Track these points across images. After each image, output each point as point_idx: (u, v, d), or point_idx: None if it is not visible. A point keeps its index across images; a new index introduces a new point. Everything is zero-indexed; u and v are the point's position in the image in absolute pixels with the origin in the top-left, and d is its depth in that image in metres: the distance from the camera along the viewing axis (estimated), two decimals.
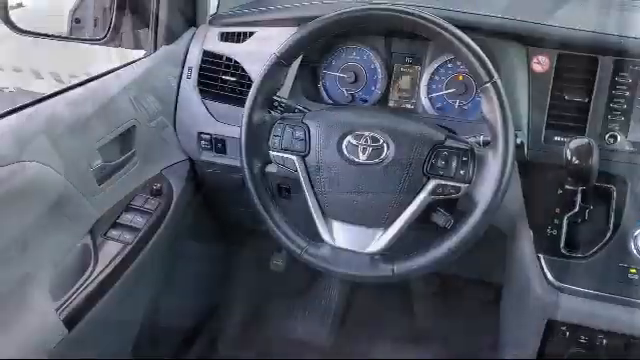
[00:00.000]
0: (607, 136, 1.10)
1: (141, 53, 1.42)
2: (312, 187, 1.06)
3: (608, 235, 1.07)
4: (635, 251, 1.04)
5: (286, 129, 1.08)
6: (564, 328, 1.13)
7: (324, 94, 1.36)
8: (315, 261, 1.06)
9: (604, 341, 1.11)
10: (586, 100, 1.11)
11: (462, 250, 0.98)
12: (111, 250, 1.21)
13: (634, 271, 1.04)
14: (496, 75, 0.97)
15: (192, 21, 1.45)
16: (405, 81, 1.30)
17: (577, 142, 0.98)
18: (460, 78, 1.25)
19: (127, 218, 1.28)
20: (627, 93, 1.09)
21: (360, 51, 1.32)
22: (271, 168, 1.13)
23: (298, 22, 1.25)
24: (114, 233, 1.25)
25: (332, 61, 1.34)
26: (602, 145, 1.09)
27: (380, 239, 1.02)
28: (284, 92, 1.22)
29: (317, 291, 2.06)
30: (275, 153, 1.09)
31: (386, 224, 1.02)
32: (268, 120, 1.11)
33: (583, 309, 1.09)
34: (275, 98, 1.15)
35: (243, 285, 2.00)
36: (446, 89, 1.26)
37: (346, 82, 1.33)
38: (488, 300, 1.95)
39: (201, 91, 1.38)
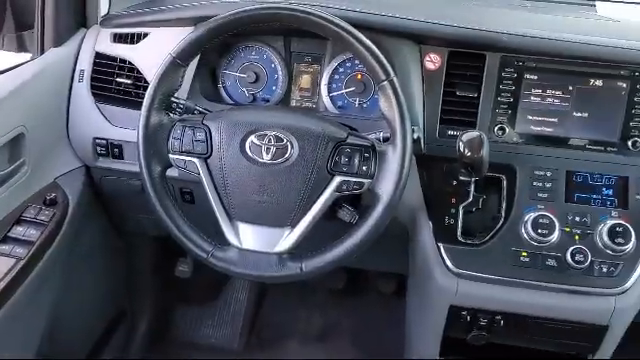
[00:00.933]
0: (496, 128, 1.17)
1: (27, 56, 1.33)
2: (216, 189, 1.05)
3: (501, 222, 1.14)
4: (525, 235, 1.11)
5: (186, 131, 1.06)
6: (465, 312, 1.19)
7: (224, 94, 1.34)
8: (222, 264, 1.05)
9: (502, 322, 1.18)
10: (476, 95, 1.17)
11: (367, 244, 1.00)
12: (1, 267, 1.13)
13: (525, 254, 1.11)
14: (392, 73, 1.00)
15: (82, 22, 1.38)
16: (306, 80, 1.31)
17: (469, 135, 1.03)
18: (359, 77, 1.28)
19: (18, 231, 1.20)
20: (513, 87, 1.16)
21: (259, 50, 1.32)
22: (172, 172, 1.10)
23: (194, 22, 1.22)
24: (4, 248, 1.16)
25: (231, 61, 1.33)
26: (492, 137, 1.16)
27: (287, 238, 1.03)
28: (182, 93, 1.19)
29: (226, 295, 2.04)
30: (175, 156, 1.06)
31: (293, 223, 1.02)
32: (166, 122, 1.08)
33: (481, 293, 1.15)
34: (173, 99, 1.12)
35: (149, 293, 1.94)
36: (346, 88, 1.28)
37: (246, 82, 1.32)
38: (395, 291, 2.02)
39: (94, 95, 1.32)
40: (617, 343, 1.21)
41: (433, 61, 1.18)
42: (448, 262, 1.14)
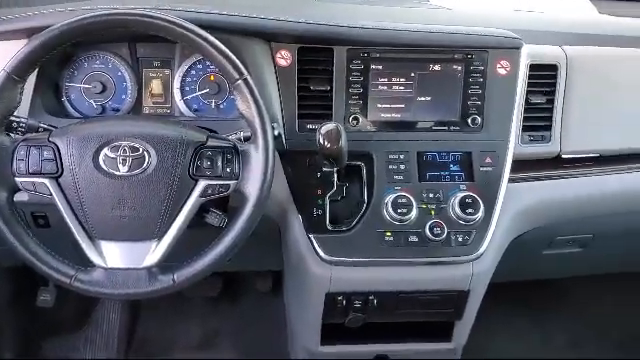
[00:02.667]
0: (351, 118, 1.22)
1: None
2: (72, 210, 0.98)
3: (364, 207, 1.19)
4: (387, 216, 1.17)
5: (31, 150, 0.98)
6: (340, 298, 1.24)
7: (70, 108, 1.26)
8: (88, 287, 0.98)
9: (375, 301, 1.24)
10: (329, 88, 1.21)
11: (239, 245, 1.00)
12: None
13: (389, 234, 1.17)
14: (245, 72, 1.00)
15: None
16: (157, 86, 1.27)
17: (326, 127, 1.06)
18: (212, 78, 1.26)
19: None
20: (361, 78, 1.21)
21: (104, 59, 1.26)
22: (21, 196, 1.02)
23: (28, 33, 1.13)
24: None
25: (74, 72, 1.25)
26: (348, 127, 1.20)
27: (155, 251, 0.99)
28: (23, 111, 1.10)
29: (97, 317, 1.93)
30: (22, 179, 0.98)
31: (159, 234, 0.99)
32: (8, 144, 0.99)
33: (354, 277, 1.20)
34: (13, 118, 1.03)
35: (12, 328, 1.78)
36: (200, 90, 1.26)
37: (93, 93, 1.25)
38: (272, 289, 2.03)
39: None
40: (478, 305, 1.32)
41: (284, 57, 1.20)
42: (320, 252, 1.17)
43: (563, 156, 1.31)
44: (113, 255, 0.99)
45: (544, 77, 1.29)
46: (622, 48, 1.41)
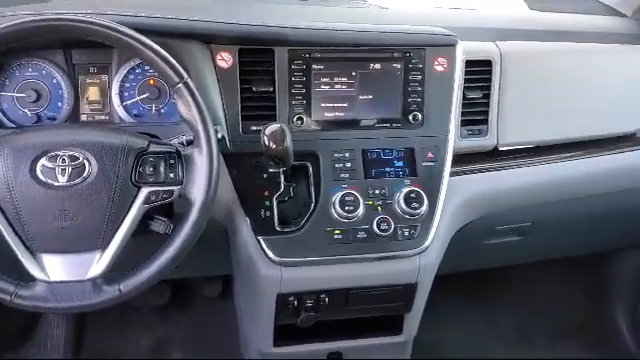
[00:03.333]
0: (295, 119, 1.22)
1: None
2: (9, 224, 0.94)
3: (312, 206, 1.19)
4: (335, 215, 1.18)
5: None
6: (292, 298, 1.24)
7: (3, 118, 1.21)
8: (30, 303, 0.95)
9: (327, 299, 1.25)
10: (272, 89, 1.21)
11: (186, 252, 0.98)
12: None
13: (338, 232, 1.19)
14: (186, 75, 0.99)
15: None
16: (94, 92, 1.24)
17: (271, 128, 1.06)
18: (151, 82, 1.24)
19: None
20: (304, 78, 1.22)
21: (37, 66, 1.21)
22: None
23: None
24: None
25: (5, 81, 1.20)
26: (292, 128, 1.21)
27: (100, 261, 0.96)
28: None
29: (40, 334, 1.86)
30: None
31: (103, 245, 0.96)
32: None
33: (304, 276, 1.21)
34: None
35: None
36: (139, 95, 1.23)
37: (27, 102, 1.20)
38: (222, 293, 2.01)
39: None
40: (426, 297, 1.35)
41: (225, 60, 1.19)
42: (270, 253, 1.17)
43: (500, 148, 1.36)
44: (55, 268, 0.96)
45: (480, 73, 1.33)
46: (552, 42, 1.47)
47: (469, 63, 1.32)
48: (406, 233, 1.21)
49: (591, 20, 1.72)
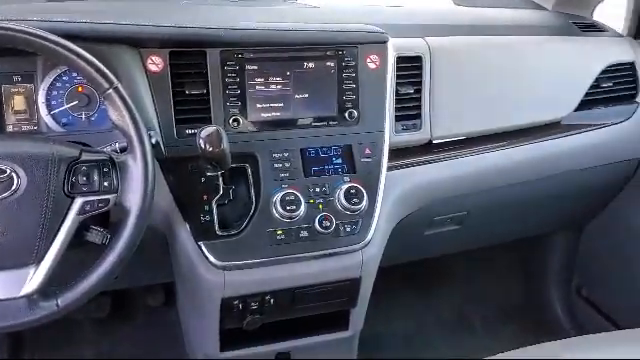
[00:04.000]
0: (231, 120, 1.21)
1: None
2: None
3: (252, 208, 1.19)
4: (277, 215, 1.18)
5: None
6: (236, 302, 1.23)
7: None
8: None
9: (272, 301, 1.25)
10: (205, 91, 1.19)
11: (125, 261, 0.96)
12: None
13: (280, 232, 1.19)
14: (116, 80, 0.96)
15: None
16: (19, 102, 1.18)
17: (207, 131, 1.05)
18: (80, 89, 1.19)
19: None
20: (238, 79, 1.21)
21: None
22: None
23: None
24: None
25: None
26: (229, 129, 1.19)
27: (34, 277, 0.92)
28: None
29: None
30: None
31: (37, 259, 0.93)
32: None
33: (248, 279, 1.20)
34: None
35: None
36: (68, 103, 1.19)
37: None
38: (165, 302, 1.98)
39: None
40: (370, 290, 1.37)
41: (155, 63, 1.16)
42: (211, 258, 1.16)
43: (434, 141, 1.40)
44: None
45: (411, 68, 1.37)
46: (478, 36, 1.53)
47: (400, 59, 1.35)
48: (348, 229, 1.22)
49: (514, 14, 1.80)
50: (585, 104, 1.58)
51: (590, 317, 1.98)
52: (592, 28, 1.75)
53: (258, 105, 1.23)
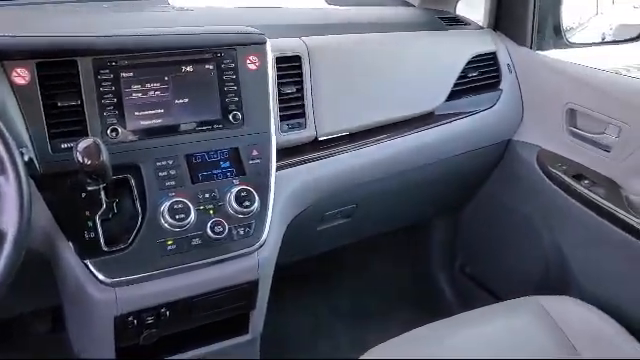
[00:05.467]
0: (109, 131, 1.16)
1: None
2: None
3: (140, 219, 1.15)
4: (166, 225, 1.15)
5: None
6: (131, 318, 1.18)
7: None
8: None
9: (168, 313, 1.22)
10: (79, 102, 1.13)
11: (4, 289, 0.89)
12: None
13: (171, 242, 1.15)
14: None
15: None
16: None
17: (84, 144, 1.00)
18: None
19: None
20: (113, 88, 1.16)
21: None
22: None
23: None
24: None
25: None
26: (107, 140, 1.14)
27: None
28: None
29: None
30: None
31: None
32: None
33: (141, 294, 1.16)
34: None
35: None
36: None
37: None
38: (52, 328, 1.85)
39: None
40: (268, 291, 1.37)
41: (21, 75, 1.09)
42: (100, 276, 1.10)
43: (320, 139, 1.43)
44: None
45: (291, 68, 1.39)
46: (352, 34, 1.58)
47: (279, 59, 1.36)
48: (241, 232, 1.21)
49: (384, 11, 1.88)
50: (455, 94, 1.68)
51: (475, 293, 2.11)
52: (456, 22, 1.87)
53: (137, 113, 1.19)
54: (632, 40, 1.79)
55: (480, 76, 1.75)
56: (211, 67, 1.25)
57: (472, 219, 2.10)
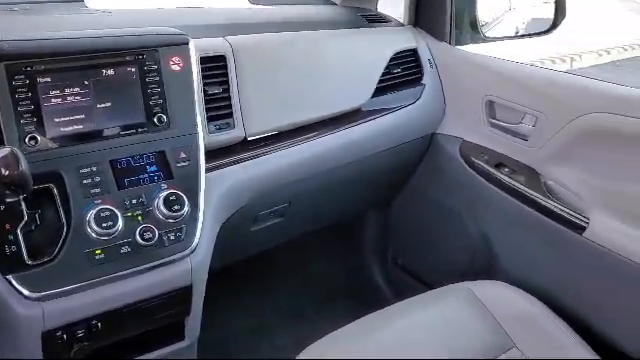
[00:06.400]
0: (27, 139, 1.10)
1: None
2: None
3: (65, 230, 1.10)
4: (93, 234, 1.11)
5: None
6: (60, 333, 1.13)
7: None
8: None
9: (99, 325, 1.18)
10: None
11: None
12: None
13: (99, 252, 1.12)
14: None
15: None
16: None
17: (0, 153, 0.95)
18: None
19: None
20: (29, 94, 1.11)
21: None
22: None
23: None
24: None
25: None
26: (26, 149, 1.09)
27: None
28: None
29: None
30: None
31: None
32: None
33: (70, 307, 1.11)
34: None
35: None
36: None
37: None
38: None
39: None
40: (203, 296, 1.35)
41: None
42: (24, 291, 1.05)
43: (249, 139, 1.42)
44: None
45: (216, 68, 1.37)
46: (276, 33, 1.58)
47: (204, 60, 1.34)
48: (172, 237, 1.19)
49: (308, 10, 1.89)
50: (380, 90, 1.72)
51: (408, 284, 2.17)
52: (377, 19, 1.91)
53: (56, 119, 1.14)
54: (543, 33, 1.88)
55: (403, 72, 1.80)
56: (133, 70, 1.22)
57: (402, 212, 2.16)
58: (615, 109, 1.42)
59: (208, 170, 1.29)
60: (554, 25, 1.83)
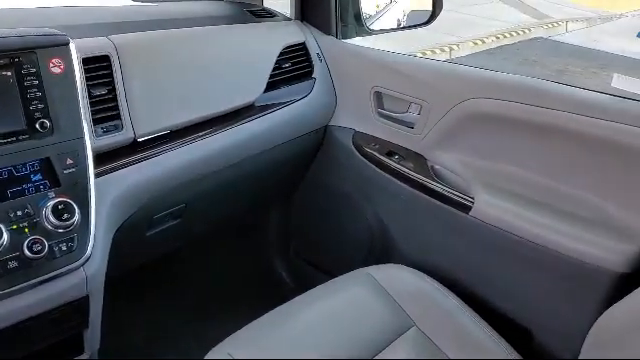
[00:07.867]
0: None
1: None
2: None
3: None
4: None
5: None
6: None
7: None
8: None
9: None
10: None
11: None
12: None
13: None
14: None
15: None
16: None
17: None
18: None
19: None
20: None
21: None
22: None
23: None
24: None
25: None
26: None
27: None
28: None
29: None
30: None
31: None
32: None
33: None
34: None
35: None
36: None
37: None
38: None
39: None
40: (101, 306, 1.30)
41: None
42: None
43: (139, 140, 1.38)
44: None
45: (100, 69, 1.32)
46: (161, 31, 1.54)
47: (87, 61, 1.29)
48: (64, 248, 1.14)
49: (192, 6, 1.86)
50: (272, 85, 1.73)
51: (311, 275, 2.21)
52: (264, 14, 1.91)
53: None
54: (423, 24, 1.98)
55: (293, 66, 1.82)
56: (9, 74, 1.14)
57: (302, 204, 2.19)
58: (491, 94, 1.53)
59: (98, 175, 1.24)
60: (433, 16, 1.93)
